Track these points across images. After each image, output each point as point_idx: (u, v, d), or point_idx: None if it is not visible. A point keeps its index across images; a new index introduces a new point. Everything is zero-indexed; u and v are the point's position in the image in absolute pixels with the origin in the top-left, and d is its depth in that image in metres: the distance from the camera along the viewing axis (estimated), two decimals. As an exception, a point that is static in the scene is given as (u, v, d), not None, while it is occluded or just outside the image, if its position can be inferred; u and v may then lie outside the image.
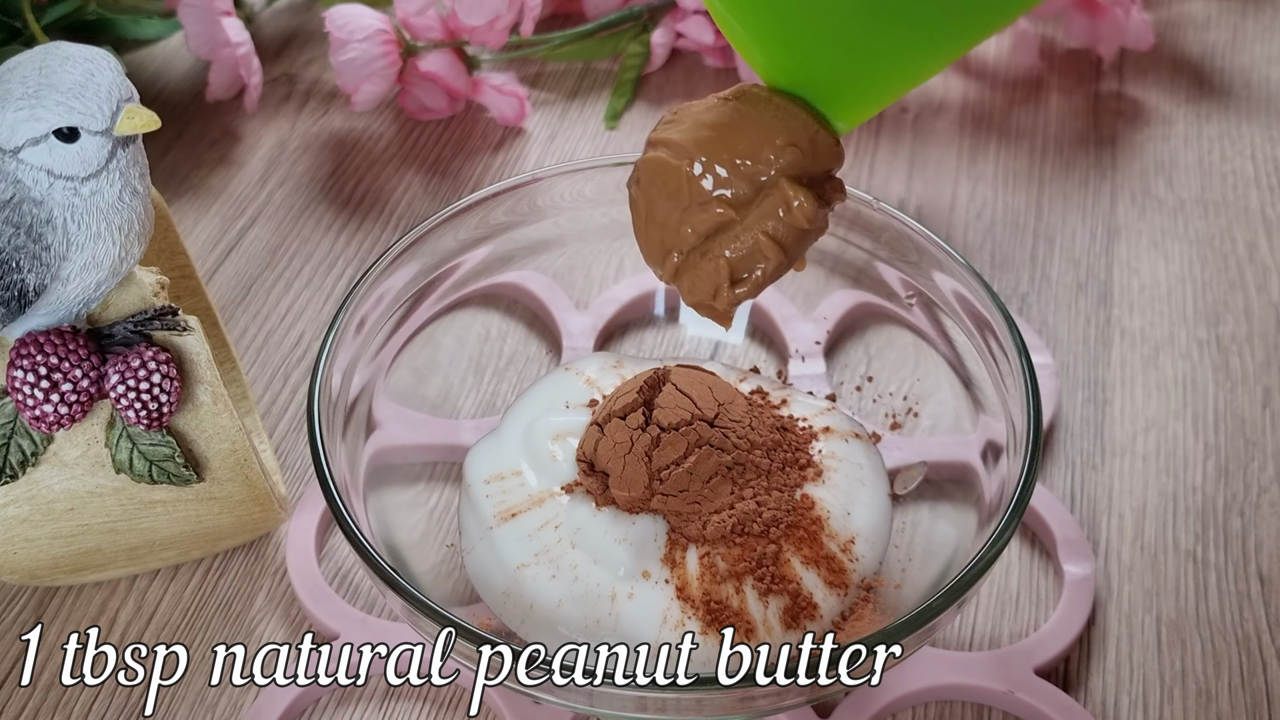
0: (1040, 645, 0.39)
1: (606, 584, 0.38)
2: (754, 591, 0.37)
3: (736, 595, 0.37)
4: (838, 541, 0.39)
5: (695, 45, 0.62)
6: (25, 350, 0.35)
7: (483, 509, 0.40)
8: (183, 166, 0.58)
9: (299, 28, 0.67)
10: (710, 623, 0.37)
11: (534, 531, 0.39)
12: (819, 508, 0.39)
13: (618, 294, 0.48)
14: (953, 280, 0.40)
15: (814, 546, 0.39)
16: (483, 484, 0.41)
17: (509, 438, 0.42)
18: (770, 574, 0.38)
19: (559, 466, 0.40)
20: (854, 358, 0.46)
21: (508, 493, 0.40)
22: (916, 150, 0.59)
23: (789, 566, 0.38)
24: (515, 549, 0.39)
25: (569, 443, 0.41)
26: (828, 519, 0.39)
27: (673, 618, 0.37)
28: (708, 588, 0.37)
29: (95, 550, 0.39)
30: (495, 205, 0.43)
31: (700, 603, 0.37)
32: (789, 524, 0.39)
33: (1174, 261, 0.53)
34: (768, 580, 0.38)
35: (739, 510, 0.38)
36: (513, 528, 0.39)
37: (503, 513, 0.40)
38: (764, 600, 0.37)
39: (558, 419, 0.42)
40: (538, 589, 0.38)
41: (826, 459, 0.41)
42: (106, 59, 0.34)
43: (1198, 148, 0.59)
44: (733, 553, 0.38)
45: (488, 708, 0.39)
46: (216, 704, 0.39)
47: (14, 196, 0.34)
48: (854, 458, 0.41)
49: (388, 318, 0.42)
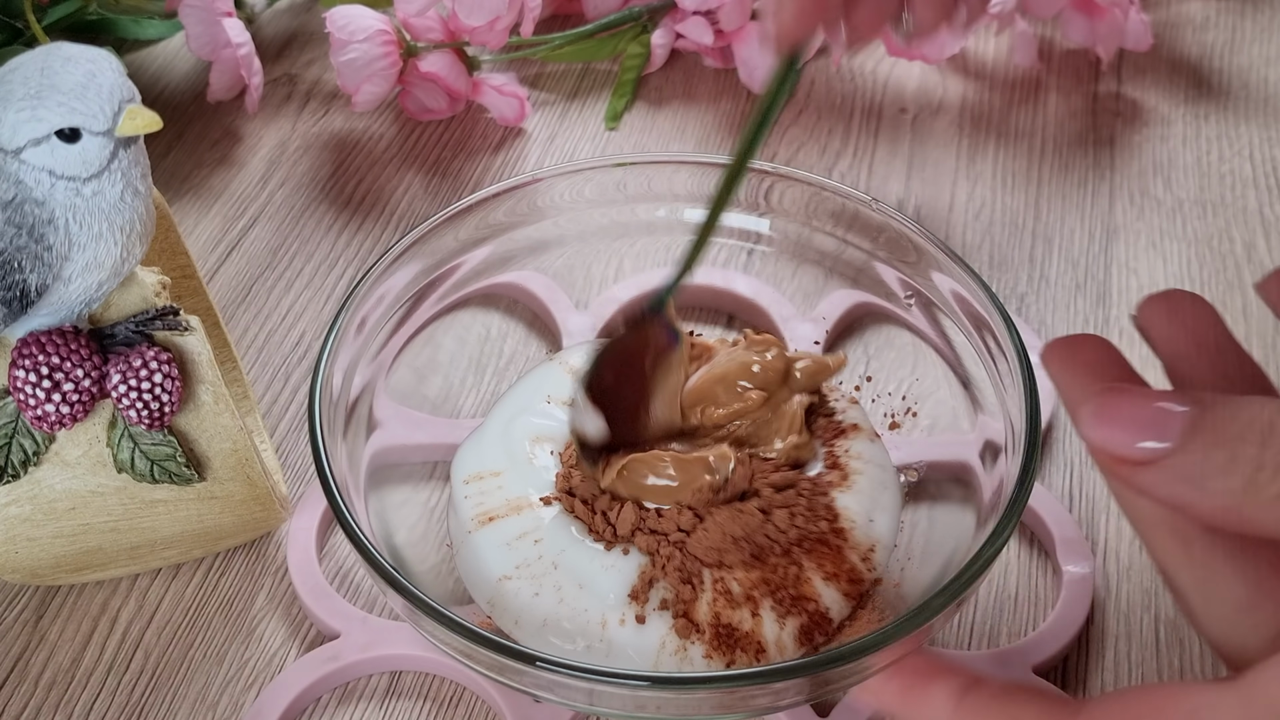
0: (1039, 644, 0.40)
1: (595, 610, 0.37)
2: (772, 614, 0.37)
3: (752, 619, 0.37)
4: (859, 551, 0.39)
5: (695, 46, 0.62)
6: (27, 350, 0.35)
7: (463, 511, 0.40)
8: (184, 167, 0.58)
9: (300, 28, 0.67)
10: (718, 646, 0.36)
11: (512, 541, 0.39)
12: (844, 518, 0.39)
13: (618, 294, 0.48)
14: (951, 280, 0.41)
15: (836, 561, 0.38)
16: (462, 484, 0.41)
17: (489, 436, 0.42)
18: (790, 595, 0.37)
19: (536, 472, 0.40)
20: (853, 358, 0.46)
21: (485, 494, 0.40)
22: (915, 151, 0.59)
23: (809, 585, 0.37)
24: (495, 557, 0.38)
25: (548, 448, 0.41)
26: (852, 529, 0.39)
27: (672, 644, 0.36)
28: (719, 611, 0.37)
29: (97, 549, 0.39)
30: (495, 205, 0.44)
31: (707, 626, 0.36)
32: (814, 539, 0.38)
33: (1172, 262, 0.54)
34: (787, 603, 0.37)
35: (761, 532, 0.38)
36: (490, 533, 0.39)
37: (480, 516, 0.39)
38: (781, 622, 0.37)
39: (537, 420, 0.42)
40: (521, 604, 0.37)
41: (853, 460, 0.41)
42: (108, 60, 0.35)
43: (1196, 148, 0.59)
44: (751, 576, 0.37)
45: (487, 707, 0.39)
46: (217, 703, 0.39)
47: (16, 197, 0.34)
48: (878, 459, 0.41)
49: (388, 318, 0.42)
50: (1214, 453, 0.26)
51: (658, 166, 0.45)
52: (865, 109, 0.62)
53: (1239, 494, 0.26)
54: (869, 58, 0.65)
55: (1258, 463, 0.26)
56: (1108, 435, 0.27)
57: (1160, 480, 0.27)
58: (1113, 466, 0.28)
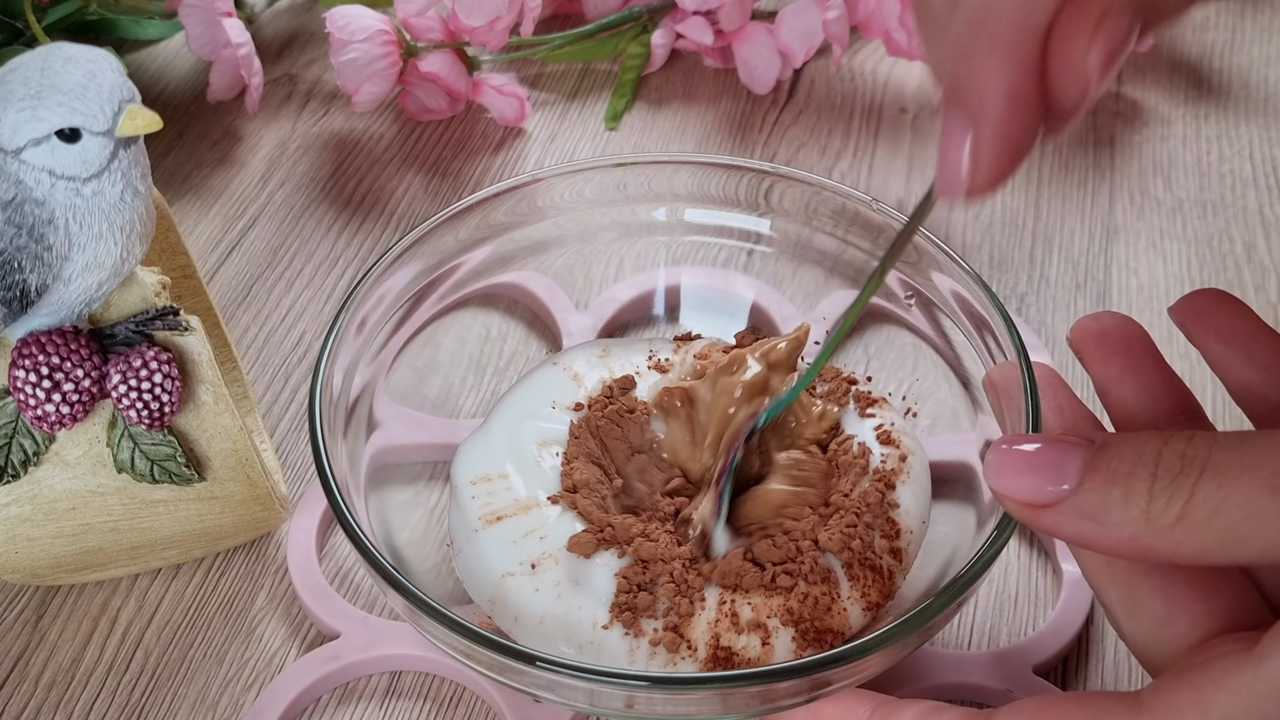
0: (1039, 644, 0.40)
1: (588, 609, 0.37)
2: (792, 644, 0.35)
3: (762, 647, 0.35)
4: (906, 572, 0.37)
5: (695, 46, 0.62)
6: (27, 350, 0.35)
7: (468, 510, 0.40)
8: (184, 167, 0.58)
9: (300, 28, 0.67)
10: (712, 667, 0.35)
11: (519, 538, 0.38)
12: (903, 531, 0.38)
13: (618, 294, 0.48)
14: (951, 280, 0.41)
15: (884, 589, 0.37)
16: (469, 485, 0.40)
17: (496, 439, 0.42)
18: (815, 627, 0.36)
19: (544, 474, 0.40)
20: (853, 358, 0.46)
21: (494, 495, 0.40)
22: (915, 151, 0.59)
23: (842, 617, 0.36)
24: (500, 555, 0.38)
25: (554, 450, 0.41)
26: (908, 545, 0.38)
27: (660, 657, 0.36)
28: (719, 633, 0.36)
29: (97, 549, 0.39)
30: (495, 205, 0.44)
31: (703, 644, 0.36)
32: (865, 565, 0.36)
33: (1172, 262, 0.54)
34: (811, 635, 0.36)
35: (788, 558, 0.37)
36: (498, 532, 0.39)
37: (488, 515, 0.39)
38: (799, 653, 0.35)
39: (545, 424, 0.42)
40: (522, 601, 0.37)
41: (903, 436, 0.40)
42: (108, 60, 0.35)
43: (1196, 148, 0.59)
44: (771, 603, 0.36)
45: (488, 707, 0.39)
46: (218, 703, 0.39)
47: (16, 197, 0.34)
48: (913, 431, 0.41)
49: (388, 318, 0.42)
50: (1110, 490, 0.28)
51: (658, 166, 0.45)
52: (865, 109, 0.62)
53: (1137, 526, 0.27)
54: (869, 58, 0.65)
55: (1150, 494, 0.27)
56: (1009, 483, 0.29)
57: (1063, 520, 0.28)
58: (1018, 511, 0.29)
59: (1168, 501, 0.27)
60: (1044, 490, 0.28)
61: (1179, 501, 0.27)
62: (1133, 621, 0.31)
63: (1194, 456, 0.27)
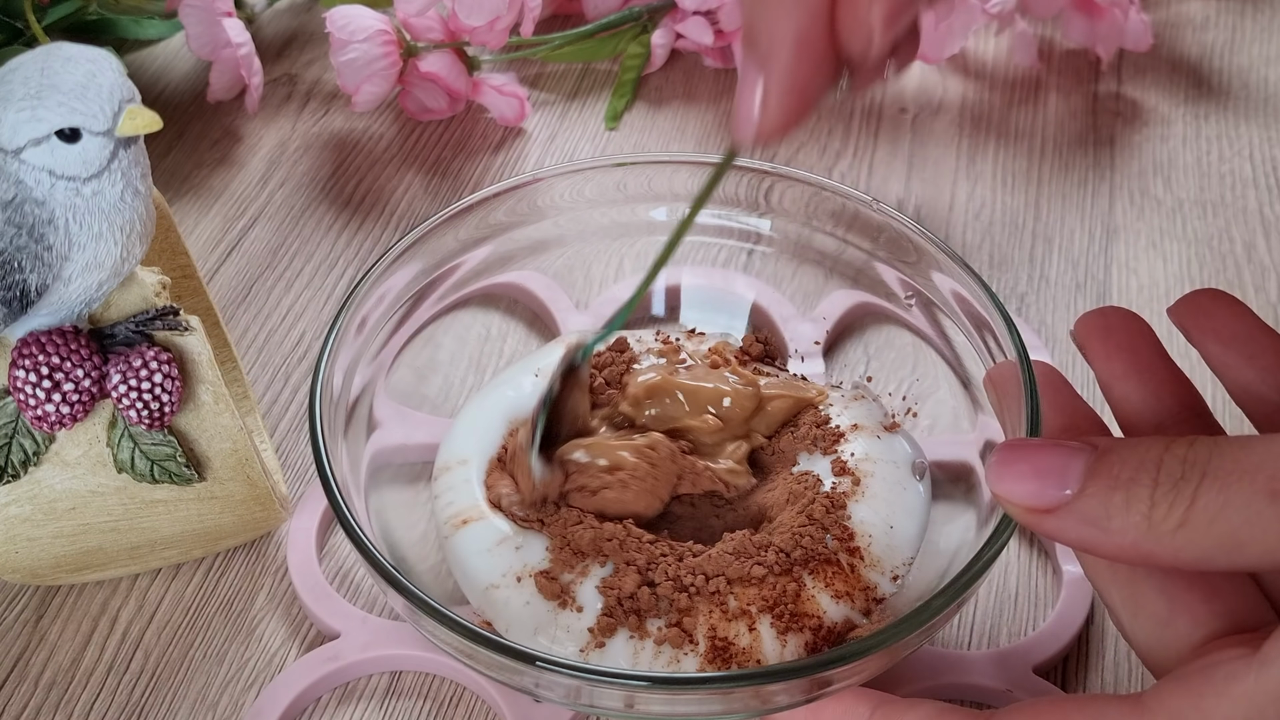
0: (1039, 644, 0.40)
1: (585, 619, 0.36)
2: (772, 630, 0.36)
3: (749, 633, 0.36)
4: (879, 567, 0.38)
5: (695, 46, 0.63)
6: (27, 350, 0.35)
7: (437, 510, 0.40)
8: (184, 167, 0.58)
9: (300, 28, 0.67)
10: (713, 660, 0.36)
11: (492, 547, 0.38)
12: (859, 535, 0.38)
13: (618, 294, 0.48)
14: (951, 280, 0.41)
15: (849, 580, 0.37)
16: (438, 480, 0.41)
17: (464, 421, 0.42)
18: (789, 611, 0.36)
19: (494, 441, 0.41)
20: (853, 358, 0.46)
21: (454, 489, 0.40)
22: (915, 151, 0.59)
23: (811, 603, 0.37)
24: (480, 565, 0.38)
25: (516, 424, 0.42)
26: (869, 545, 0.38)
27: (664, 656, 0.36)
28: (715, 624, 0.36)
29: (97, 549, 0.39)
30: (495, 205, 0.44)
31: (703, 637, 0.36)
32: (821, 560, 0.37)
33: (1172, 262, 0.54)
34: (786, 619, 0.36)
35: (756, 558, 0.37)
36: (469, 539, 0.39)
37: (454, 519, 0.39)
38: (782, 639, 0.36)
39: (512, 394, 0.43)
40: (510, 614, 0.37)
41: (861, 462, 0.40)
42: (108, 60, 0.35)
43: (1196, 148, 0.59)
44: (748, 592, 0.37)
45: (487, 707, 0.39)
46: (217, 703, 0.39)
47: (16, 197, 0.34)
48: (888, 455, 0.41)
49: (389, 317, 0.42)
50: (1112, 495, 0.28)
51: (658, 166, 0.45)
52: (865, 109, 0.62)
53: (1139, 532, 0.27)
54: (869, 58, 0.65)
55: (1152, 500, 0.27)
56: (1011, 487, 0.29)
57: (1065, 525, 0.28)
58: (1021, 516, 0.29)
59: (1169, 507, 0.27)
60: (1046, 495, 0.28)
61: (1180, 507, 0.27)
62: (1135, 621, 0.31)
63: (1195, 461, 0.27)
